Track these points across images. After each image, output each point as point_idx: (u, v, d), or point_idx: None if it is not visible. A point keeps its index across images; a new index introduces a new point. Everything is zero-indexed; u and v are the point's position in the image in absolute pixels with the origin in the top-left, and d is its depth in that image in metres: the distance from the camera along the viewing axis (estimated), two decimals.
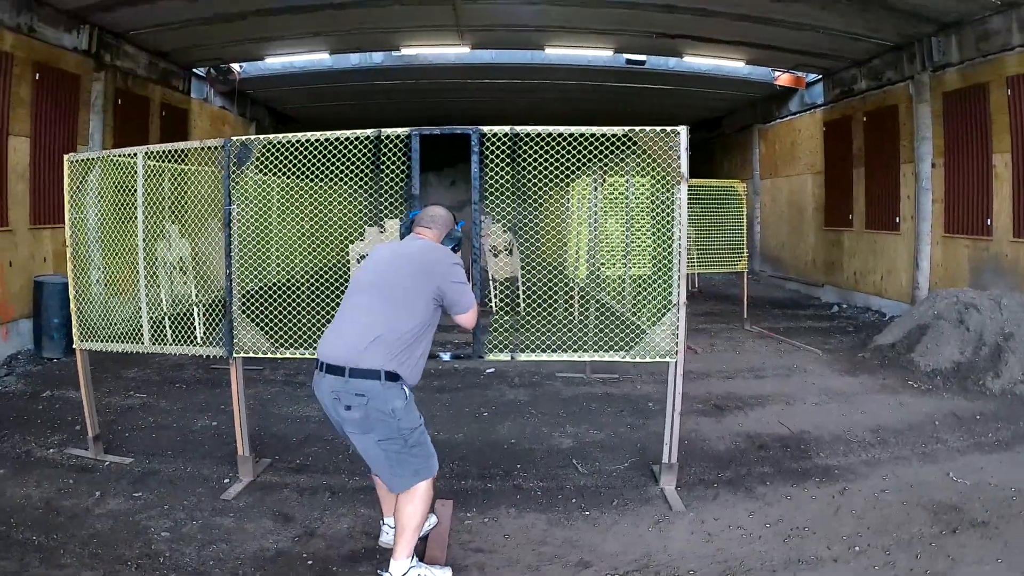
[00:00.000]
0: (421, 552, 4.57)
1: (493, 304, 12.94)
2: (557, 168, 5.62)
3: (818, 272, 17.42)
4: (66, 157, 6.52)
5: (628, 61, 16.64)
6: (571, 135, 5.47)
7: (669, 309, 5.53)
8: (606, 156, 5.69)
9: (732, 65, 16.74)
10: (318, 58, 16.68)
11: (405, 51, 15.98)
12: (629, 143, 5.53)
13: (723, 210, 13.29)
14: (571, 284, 9.93)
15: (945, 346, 9.54)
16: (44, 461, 6.45)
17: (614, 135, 5.43)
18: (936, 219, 12.96)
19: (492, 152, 5.46)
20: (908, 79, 13.36)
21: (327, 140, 5.68)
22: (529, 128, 5.37)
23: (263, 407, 8.05)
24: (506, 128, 5.34)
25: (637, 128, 5.30)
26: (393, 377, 3.95)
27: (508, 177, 5.68)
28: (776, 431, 7.40)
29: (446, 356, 5.93)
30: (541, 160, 5.59)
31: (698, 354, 10.95)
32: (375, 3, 12.58)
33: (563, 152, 5.56)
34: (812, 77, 17.36)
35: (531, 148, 5.54)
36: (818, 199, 17.35)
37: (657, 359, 5.53)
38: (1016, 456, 6.60)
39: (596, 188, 8.27)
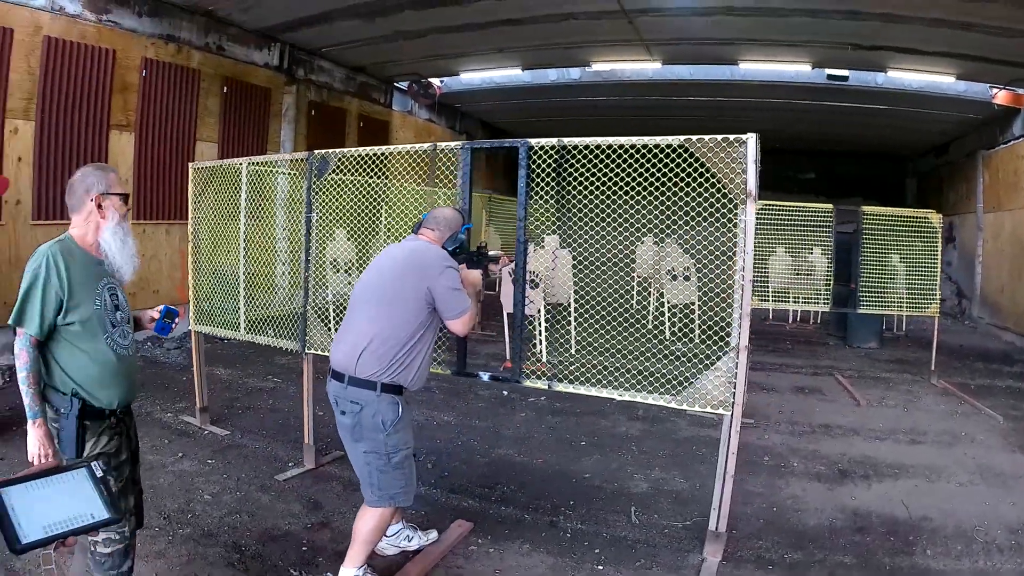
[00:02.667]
0: (400, 563, 4.81)
1: (667, 333, 12.15)
2: (613, 181, 5.29)
3: None
4: (191, 165, 7.57)
5: (829, 77, 15.43)
6: (620, 146, 5.05)
7: (726, 352, 4.79)
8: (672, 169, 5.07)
9: (945, 81, 15.06)
10: (512, 73, 17.11)
11: (597, 67, 16.01)
12: (685, 154, 4.87)
13: (915, 244, 11.88)
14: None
15: None
16: (157, 421, 7.70)
17: (668, 145, 4.84)
18: None
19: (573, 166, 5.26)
20: None
21: (391, 154, 6.01)
22: (576, 140, 5.06)
23: None
24: (553, 140, 5.09)
25: (695, 137, 4.66)
26: (391, 389, 4.06)
27: (588, 192, 5.46)
28: (891, 512, 6.25)
29: (485, 376, 5.60)
30: (604, 172, 5.28)
31: (860, 406, 9.76)
32: (549, 19, 12.60)
33: (622, 165, 5.19)
34: None
35: (608, 161, 5.24)
36: None
37: (708, 410, 4.84)
38: None
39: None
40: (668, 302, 12.87)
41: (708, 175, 4.81)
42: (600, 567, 4.95)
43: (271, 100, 14.35)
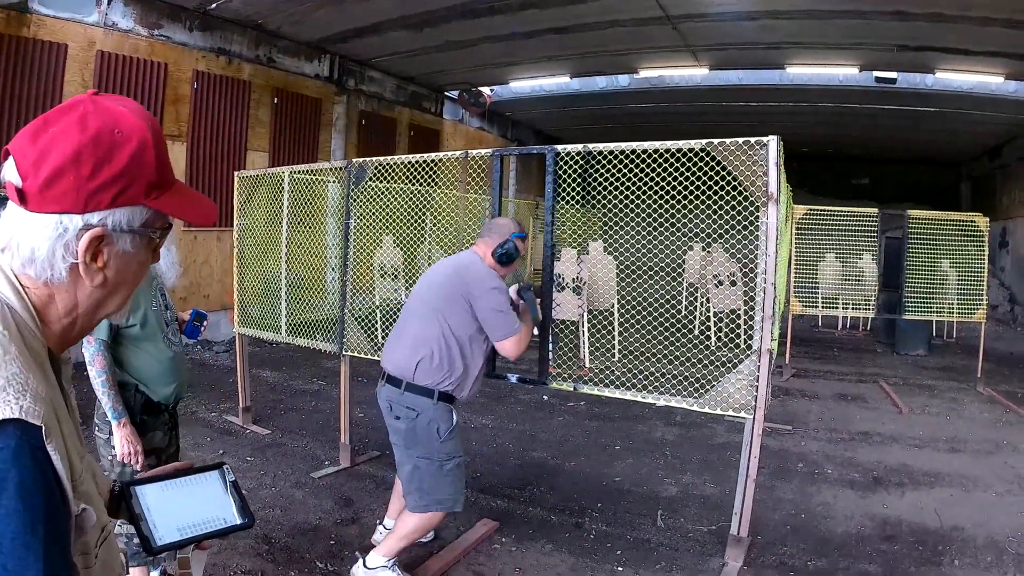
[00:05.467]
0: (423, 558, 4.93)
1: (712, 340, 12.14)
2: (645, 186, 5.31)
3: None
4: (236, 174, 7.79)
5: (877, 79, 15.29)
6: (644, 151, 5.06)
7: (747, 356, 4.79)
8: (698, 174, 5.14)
9: (995, 82, 14.78)
10: (561, 81, 17.30)
11: (644, 73, 16.13)
12: (708, 158, 4.90)
13: (963, 248, 11.74)
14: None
15: None
16: (201, 420, 7.93)
17: (690, 149, 4.87)
18: None
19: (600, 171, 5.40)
20: None
21: (440, 162, 6.19)
22: (601, 145, 5.05)
23: None
24: (579, 146, 5.11)
25: (716, 140, 4.68)
26: (447, 398, 4.16)
27: (625, 198, 5.56)
28: (922, 521, 6.17)
29: (513, 378, 5.59)
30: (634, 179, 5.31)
31: (902, 413, 9.67)
32: (595, 26, 12.72)
33: (653, 169, 5.18)
34: None
35: (635, 167, 5.22)
36: None
37: (731, 413, 4.83)
38: None
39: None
40: (713, 308, 12.87)
41: (734, 180, 4.85)
42: (620, 568, 4.98)
43: (321, 110, 14.70)
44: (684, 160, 5.02)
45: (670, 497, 6.40)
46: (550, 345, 5.29)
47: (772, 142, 4.58)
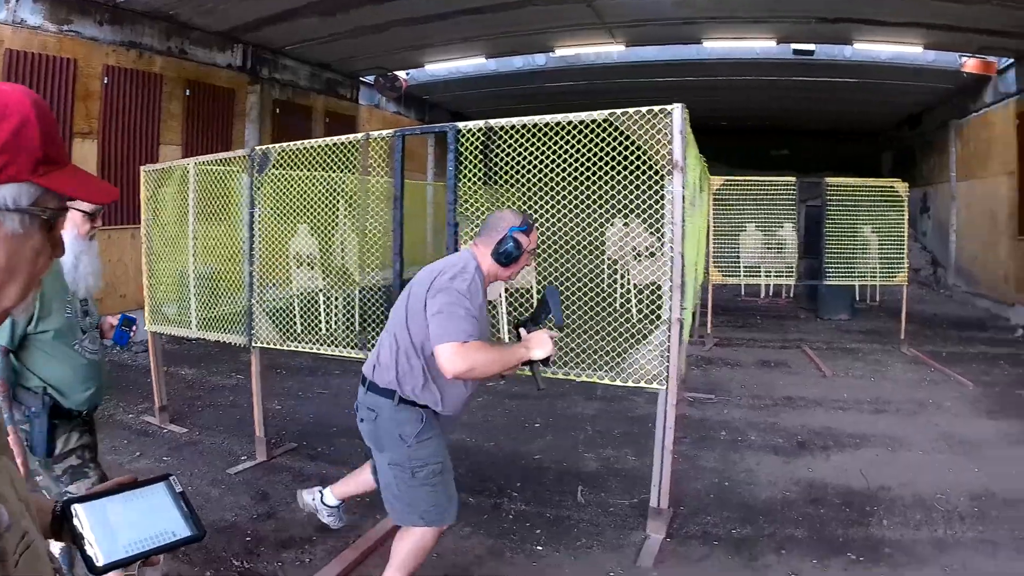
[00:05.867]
0: (341, 547, 4.82)
1: (632, 313, 12.07)
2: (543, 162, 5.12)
3: (1009, 289, 15.16)
4: (142, 168, 7.81)
5: (795, 52, 15.28)
6: (546, 124, 4.98)
7: (657, 327, 4.74)
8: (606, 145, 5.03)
9: (912, 52, 14.89)
10: (477, 62, 17.12)
11: (560, 52, 16.01)
12: (612, 128, 4.83)
13: (883, 214, 11.89)
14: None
15: None
16: (119, 423, 7.65)
17: (593, 121, 4.80)
18: None
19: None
20: None
21: (333, 146, 5.94)
22: (504, 120, 4.99)
23: (335, 396, 8.62)
24: (480, 123, 5.05)
25: (619, 111, 4.62)
26: (409, 402, 3.63)
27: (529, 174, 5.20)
28: (848, 483, 6.17)
29: None
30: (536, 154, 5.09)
31: (826, 377, 9.74)
32: (509, 6, 12.55)
33: (552, 144, 5.06)
34: (1004, 62, 15.11)
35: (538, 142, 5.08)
36: (1011, 204, 15.04)
37: (644, 384, 4.76)
38: None
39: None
40: (633, 281, 12.73)
41: (638, 150, 4.76)
42: (539, 547, 4.91)
43: (235, 101, 14.36)
44: (587, 133, 4.92)
45: (591, 472, 6.34)
46: None
47: (676, 110, 4.52)
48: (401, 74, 17.99)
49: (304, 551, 4.83)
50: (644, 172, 4.83)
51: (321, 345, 6.17)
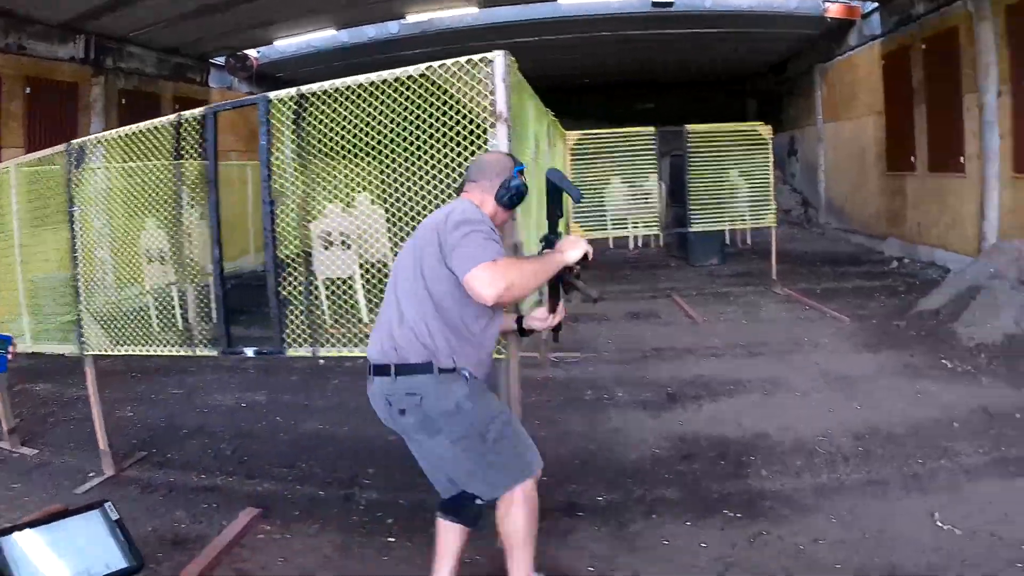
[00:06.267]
0: (186, 561, 4.24)
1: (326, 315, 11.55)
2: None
3: (881, 223, 15.47)
4: None
5: (654, 4, 15.16)
6: (359, 85, 4.48)
7: None
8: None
9: None
10: (328, 35, 16.56)
11: (413, 18, 15.57)
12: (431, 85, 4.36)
13: (749, 159, 11.80)
14: None
15: (998, 314, 7.73)
16: None
17: (409, 77, 4.31)
18: (1004, 157, 10.99)
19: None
20: None
21: (146, 131, 5.36)
22: (315, 86, 4.56)
23: (188, 395, 7.93)
24: (292, 91, 4.63)
25: (436, 63, 4.15)
26: (448, 370, 3.14)
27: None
28: (724, 434, 5.89)
29: (250, 352, 5.00)
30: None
31: (697, 324, 9.56)
32: None
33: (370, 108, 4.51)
34: (869, 6, 15.32)
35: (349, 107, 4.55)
36: (879, 142, 15.35)
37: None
38: None
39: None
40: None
41: (459, 105, 4.22)
42: (391, 539, 4.49)
43: (79, 94, 13.59)
44: (403, 91, 4.43)
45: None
46: (296, 306, 4.74)
47: (499, 57, 4.07)
48: (252, 53, 17.21)
49: (150, 570, 4.24)
50: (465, 128, 4.22)
51: (155, 346, 5.58)
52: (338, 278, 8.86)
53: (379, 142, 4.64)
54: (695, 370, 7.56)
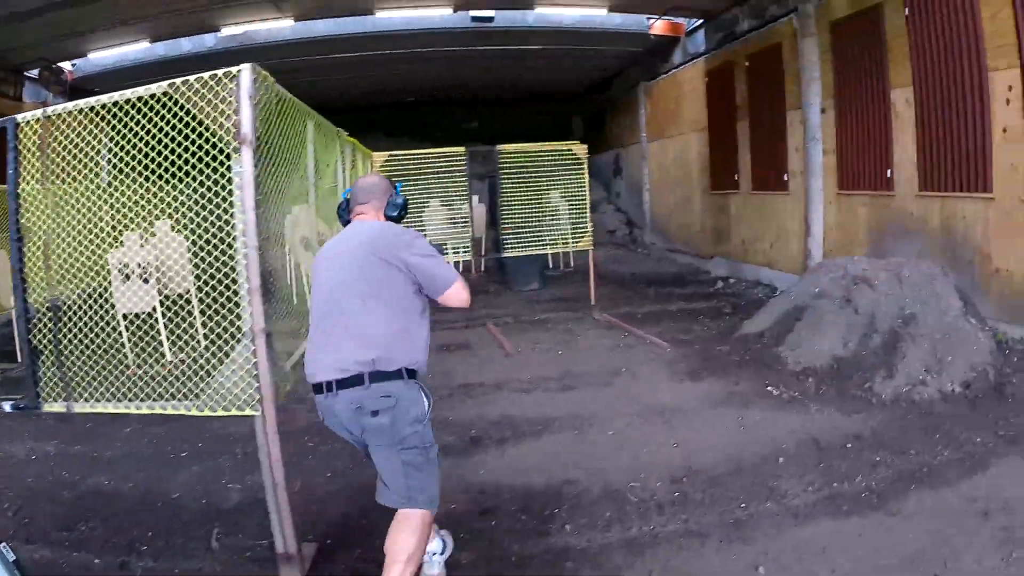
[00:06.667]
0: None
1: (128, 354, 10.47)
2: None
3: (707, 242, 15.32)
4: None
5: (474, 19, 14.54)
6: (102, 106, 4.09)
7: (239, 340, 3.90)
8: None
9: (599, 15, 14.65)
10: (141, 47, 15.31)
11: (228, 31, 14.51)
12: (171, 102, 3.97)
13: (564, 179, 11.18)
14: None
15: (824, 335, 7.22)
16: None
17: (153, 96, 3.95)
18: (828, 173, 10.83)
19: None
20: (792, 11, 11.24)
21: None
22: (59, 107, 4.15)
23: None
24: (38, 112, 4.18)
25: (180, 80, 3.78)
26: (412, 374, 3.59)
27: None
28: (529, 482, 5.19)
29: (7, 407, 4.65)
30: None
31: (508, 356, 8.80)
32: None
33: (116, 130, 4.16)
34: (693, 23, 15.12)
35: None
36: (703, 160, 15.21)
37: (234, 412, 3.88)
38: (886, 521, 4.39)
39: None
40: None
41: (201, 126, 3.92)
42: None
43: None
44: (148, 112, 4.01)
45: (233, 507, 5.20)
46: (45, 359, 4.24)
47: (245, 72, 3.73)
48: (66, 65, 15.83)
49: None
50: (208, 154, 4.01)
51: None
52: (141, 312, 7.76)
53: (130, 166, 4.30)
54: (503, 408, 6.83)
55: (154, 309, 8.48)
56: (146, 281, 8.62)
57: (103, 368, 4.29)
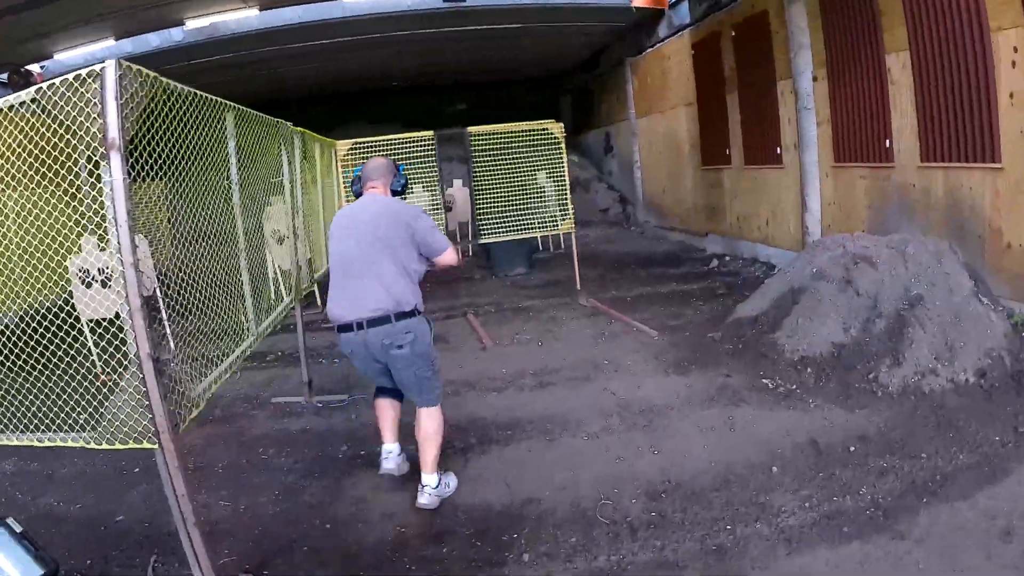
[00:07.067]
0: None
1: (96, 363, 10.13)
2: None
3: (701, 219, 14.65)
4: None
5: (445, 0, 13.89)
6: None
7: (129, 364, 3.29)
8: None
9: None
10: (107, 45, 14.54)
11: (193, 24, 13.88)
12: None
13: (541, 160, 10.54)
14: None
15: (823, 320, 6.56)
16: None
17: (22, 103, 3.42)
18: (823, 145, 10.15)
19: None
20: None
21: None
22: None
23: None
24: None
25: (45, 85, 3.31)
26: (420, 312, 4.72)
27: None
28: (488, 501, 4.67)
29: None
30: None
31: (485, 349, 8.20)
32: None
33: None
34: None
35: None
36: (694, 135, 14.53)
37: (132, 445, 3.29)
38: (893, 546, 3.78)
39: None
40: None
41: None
42: None
43: None
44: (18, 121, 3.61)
45: (175, 530, 4.52)
46: None
47: (109, 68, 3.25)
48: (35, 68, 15.27)
49: None
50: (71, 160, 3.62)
51: None
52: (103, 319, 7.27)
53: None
54: (472, 410, 6.26)
55: (117, 316, 8.00)
56: (105, 285, 8.20)
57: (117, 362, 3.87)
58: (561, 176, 10.47)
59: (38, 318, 3.72)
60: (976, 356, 5.82)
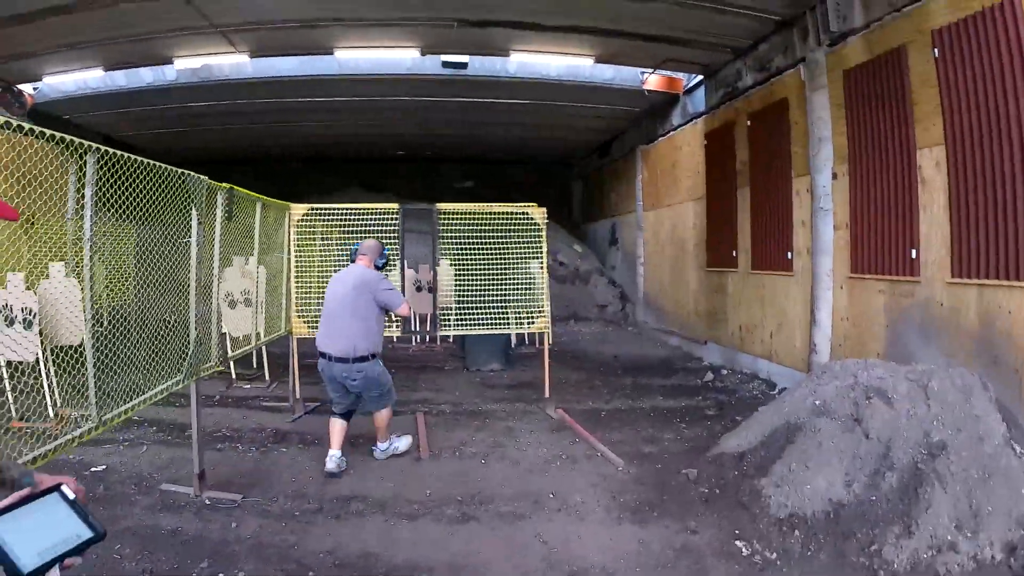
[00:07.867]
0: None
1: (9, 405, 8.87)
2: None
3: (701, 325, 13.48)
4: None
5: (445, 64, 13.03)
6: None
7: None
8: None
9: (586, 66, 13.09)
10: (97, 75, 14.23)
11: (182, 63, 13.26)
12: None
13: (517, 248, 9.31)
14: None
15: (822, 469, 5.35)
16: None
17: None
18: (839, 252, 9.00)
19: None
20: (799, 61, 9.58)
21: None
22: None
23: None
24: None
25: None
26: (374, 356, 6.60)
27: None
28: None
29: None
30: None
31: (420, 460, 7.01)
32: (98, 3, 9.93)
33: None
34: (693, 80, 13.51)
35: None
36: (700, 232, 13.47)
37: None
38: None
39: None
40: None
41: None
42: None
43: None
44: None
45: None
46: None
47: None
48: (27, 88, 14.96)
49: None
50: None
51: None
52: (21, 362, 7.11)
53: None
54: (369, 542, 5.09)
55: (37, 360, 7.50)
56: (29, 327, 7.49)
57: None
58: (539, 267, 9.27)
59: None
60: (1006, 526, 4.62)
